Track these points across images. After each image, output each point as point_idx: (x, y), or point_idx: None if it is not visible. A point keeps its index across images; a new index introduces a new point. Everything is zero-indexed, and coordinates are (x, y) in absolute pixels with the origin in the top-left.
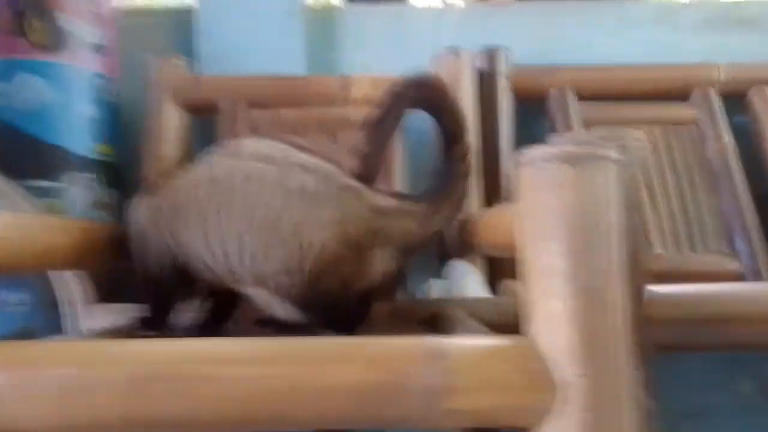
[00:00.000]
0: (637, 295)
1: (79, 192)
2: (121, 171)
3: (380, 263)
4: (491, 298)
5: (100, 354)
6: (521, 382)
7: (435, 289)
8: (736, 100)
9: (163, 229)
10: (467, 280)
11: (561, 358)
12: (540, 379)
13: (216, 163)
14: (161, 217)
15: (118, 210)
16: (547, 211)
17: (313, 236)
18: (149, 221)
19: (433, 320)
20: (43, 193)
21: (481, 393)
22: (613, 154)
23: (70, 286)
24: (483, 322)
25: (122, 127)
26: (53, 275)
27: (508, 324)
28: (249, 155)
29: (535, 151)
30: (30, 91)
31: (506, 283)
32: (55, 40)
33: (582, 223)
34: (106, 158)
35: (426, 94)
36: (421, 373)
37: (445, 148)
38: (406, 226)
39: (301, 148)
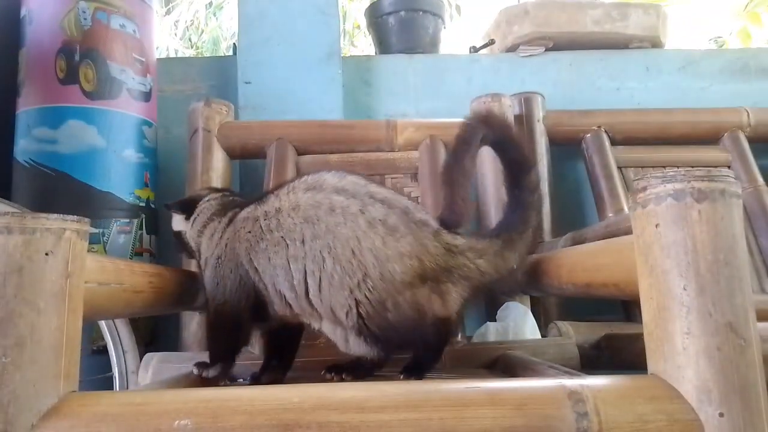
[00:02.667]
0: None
1: (123, 236)
2: (158, 215)
3: (454, 300)
4: (553, 339)
5: (230, 403)
6: (662, 422)
7: (492, 331)
8: (763, 143)
9: (242, 256)
10: (526, 322)
11: (699, 396)
12: (681, 420)
13: (299, 194)
14: (240, 244)
15: (157, 254)
16: (679, 248)
17: (392, 267)
18: (227, 250)
19: (497, 363)
20: (90, 238)
21: None
22: (739, 189)
23: (121, 332)
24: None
25: (160, 172)
26: (105, 322)
27: (572, 366)
28: (331, 188)
29: (654, 187)
30: (80, 137)
31: (557, 324)
32: (106, 88)
33: (716, 259)
34: (148, 203)
35: (491, 130)
36: (566, 417)
37: (514, 180)
38: (480, 264)
39: (378, 185)
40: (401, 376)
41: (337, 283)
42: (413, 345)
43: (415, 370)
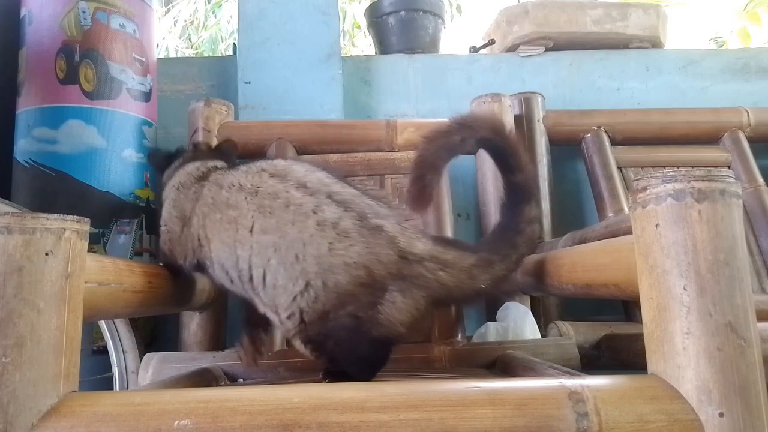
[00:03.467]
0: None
1: (123, 236)
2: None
3: (400, 310)
4: (553, 339)
5: (230, 403)
6: (662, 422)
7: (492, 331)
8: (763, 143)
9: (198, 217)
10: (526, 322)
11: (699, 396)
12: (681, 420)
13: (264, 178)
14: (200, 206)
15: (157, 254)
16: (679, 248)
17: (335, 278)
18: (189, 201)
19: (497, 363)
20: (89, 238)
21: None
22: (739, 189)
23: (121, 332)
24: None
25: None
26: (105, 322)
27: (572, 366)
28: (294, 181)
29: (654, 187)
30: (80, 137)
31: (557, 324)
32: (106, 88)
33: (716, 259)
34: (148, 203)
35: (486, 134)
36: (566, 417)
37: (513, 204)
38: (440, 276)
39: (347, 183)
40: (320, 375)
41: (281, 285)
42: (349, 359)
43: (338, 376)
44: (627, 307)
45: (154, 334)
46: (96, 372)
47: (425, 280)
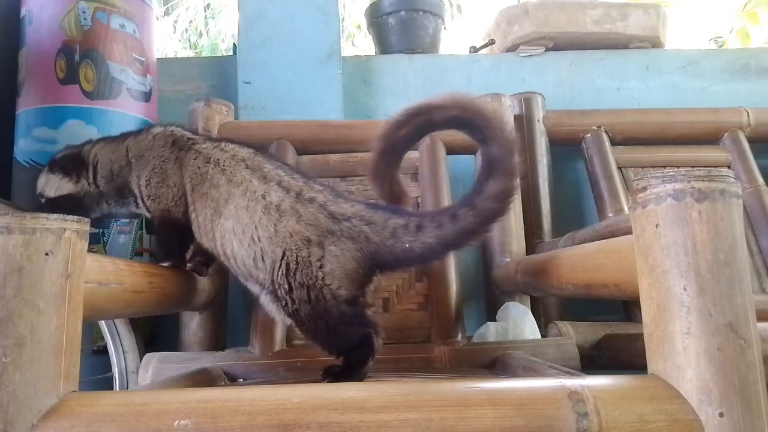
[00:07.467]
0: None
1: (123, 236)
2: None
3: (340, 258)
4: (553, 339)
5: (230, 403)
6: (662, 422)
7: (492, 331)
8: (763, 143)
9: (186, 182)
10: (526, 322)
11: (699, 396)
12: (681, 420)
13: (241, 167)
14: (186, 169)
15: (156, 254)
16: (679, 248)
17: (282, 246)
18: (169, 164)
19: (497, 363)
20: (90, 238)
21: None
22: (739, 189)
23: (121, 332)
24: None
25: None
26: (105, 322)
27: (572, 366)
28: (260, 175)
29: (654, 187)
30: (80, 137)
31: (557, 324)
32: (106, 88)
33: (716, 259)
34: None
35: (450, 112)
36: (566, 417)
37: (481, 174)
38: (364, 230)
39: (300, 175)
40: (320, 375)
41: (251, 264)
42: (327, 333)
43: (338, 376)
44: (627, 307)
45: (154, 334)
46: (96, 372)
47: (353, 232)
